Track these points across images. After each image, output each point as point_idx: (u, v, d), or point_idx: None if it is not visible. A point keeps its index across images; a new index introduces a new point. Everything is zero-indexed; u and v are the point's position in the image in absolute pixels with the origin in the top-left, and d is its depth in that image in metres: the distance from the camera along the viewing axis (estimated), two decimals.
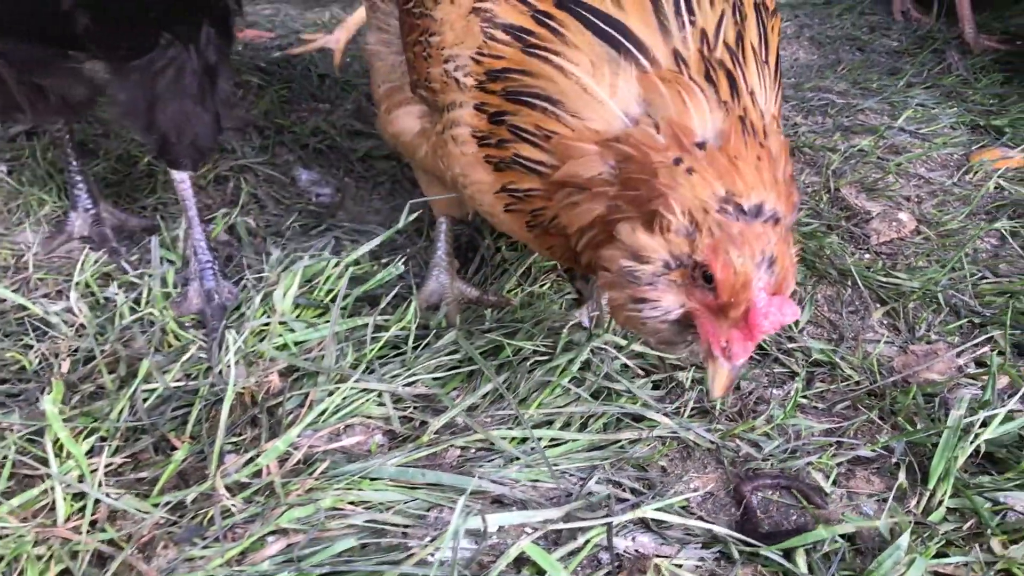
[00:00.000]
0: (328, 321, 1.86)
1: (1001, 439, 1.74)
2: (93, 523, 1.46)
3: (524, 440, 1.70)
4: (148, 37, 1.83)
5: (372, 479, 1.55)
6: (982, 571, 1.48)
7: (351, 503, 1.51)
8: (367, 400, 1.74)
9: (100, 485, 1.49)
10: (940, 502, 1.61)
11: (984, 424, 1.72)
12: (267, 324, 1.87)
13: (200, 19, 1.90)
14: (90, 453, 1.58)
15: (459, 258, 2.27)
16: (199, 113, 1.94)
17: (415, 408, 1.77)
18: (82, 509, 1.48)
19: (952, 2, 4.17)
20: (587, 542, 1.48)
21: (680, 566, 1.48)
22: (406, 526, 1.49)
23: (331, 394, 1.72)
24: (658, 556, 1.49)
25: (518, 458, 1.65)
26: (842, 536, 1.53)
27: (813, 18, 4.63)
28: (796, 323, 2.15)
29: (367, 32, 2.14)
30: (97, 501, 1.47)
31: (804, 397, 1.92)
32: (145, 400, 1.72)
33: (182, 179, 2.08)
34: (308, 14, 4.33)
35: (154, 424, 1.67)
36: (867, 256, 2.47)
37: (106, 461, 1.57)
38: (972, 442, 1.69)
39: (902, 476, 1.69)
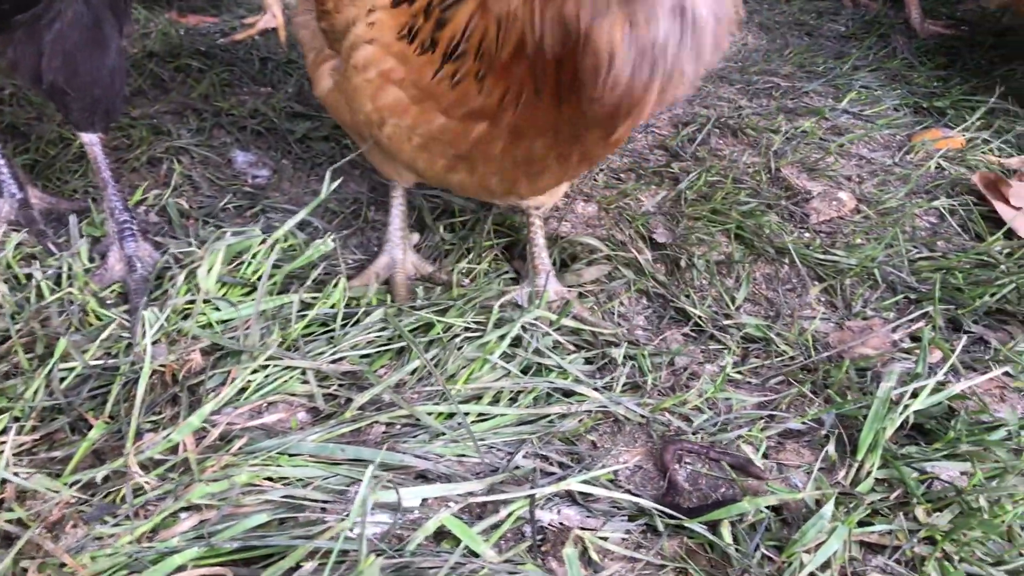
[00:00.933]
0: (254, 299, 1.83)
1: (930, 410, 1.75)
2: (0, 503, 1.42)
3: (451, 416, 1.68)
4: None
5: (291, 455, 1.52)
6: (906, 539, 1.48)
7: (268, 479, 1.47)
8: (291, 378, 1.71)
9: (8, 465, 1.45)
10: (868, 473, 1.61)
11: (914, 395, 1.72)
12: (191, 302, 1.83)
13: None
14: (1, 433, 1.54)
15: None
16: (90, 64, 1.90)
17: (340, 385, 1.74)
18: None
19: None
20: (510, 515, 1.46)
21: (606, 539, 1.46)
22: (325, 502, 1.45)
23: (254, 372, 1.69)
24: (583, 528, 1.47)
25: (444, 433, 1.62)
26: (768, 508, 1.53)
27: (762, 4, 4.64)
28: (732, 300, 2.15)
29: (296, 11, 2.12)
30: (3, 481, 1.43)
31: (738, 372, 1.92)
32: (63, 379, 1.67)
33: (91, 141, 2.04)
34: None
35: (71, 403, 1.62)
36: (806, 235, 2.47)
37: (18, 440, 1.53)
38: (901, 413, 1.68)
39: (831, 448, 1.69)
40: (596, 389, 1.78)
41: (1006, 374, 1.93)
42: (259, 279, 1.88)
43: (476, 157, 1.64)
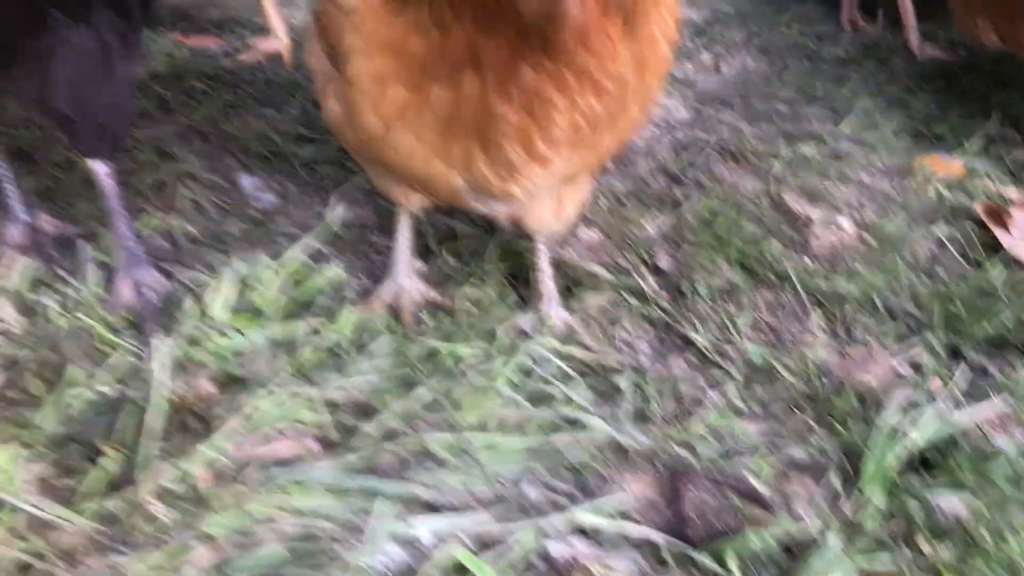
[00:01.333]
0: (263, 326, 1.84)
1: (931, 439, 1.76)
2: (15, 533, 1.44)
3: (460, 445, 1.69)
4: (34, 16, 1.79)
5: (303, 485, 1.54)
6: (910, 570, 1.50)
7: (281, 509, 1.49)
8: (300, 406, 1.73)
9: (22, 493, 1.47)
10: (872, 503, 1.63)
11: (915, 424, 1.74)
12: (200, 330, 1.85)
13: None
14: (13, 461, 1.55)
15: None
16: (98, 93, 1.91)
17: (349, 414, 1.75)
18: (2, 519, 1.45)
19: (898, 12, 4.24)
20: (520, 546, 1.48)
21: (614, 569, 1.48)
22: (337, 533, 1.47)
23: (264, 400, 1.70)
24: (591, 560, 1.48)
25: (453, 463, 1.64)
26: (774, 538, 1.54)
27: (763, 27, 4.67)
28: (735, 326, 2.17)
29: (306, 37, 2.15)
30: (15, 509, 1.44)
31: (741, 400, 1.94)
32: (72, 407, 1.69)
33: (98, 168, 2.05)
34: (258, 18, 4.30)
35: (82, 431, 1.64)
36: (807, 261, 2.49)
37: (30, 469, 1.54)
38: (903, 443, 1.70)
39: (835, 477, 1.70)
40: (602, 418, 1.80)
41: (1006, 403, 1.95)
42: (267, 306, 1.90)
43: (477, 116, 1.57)
